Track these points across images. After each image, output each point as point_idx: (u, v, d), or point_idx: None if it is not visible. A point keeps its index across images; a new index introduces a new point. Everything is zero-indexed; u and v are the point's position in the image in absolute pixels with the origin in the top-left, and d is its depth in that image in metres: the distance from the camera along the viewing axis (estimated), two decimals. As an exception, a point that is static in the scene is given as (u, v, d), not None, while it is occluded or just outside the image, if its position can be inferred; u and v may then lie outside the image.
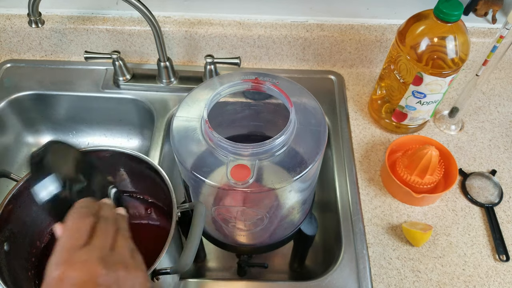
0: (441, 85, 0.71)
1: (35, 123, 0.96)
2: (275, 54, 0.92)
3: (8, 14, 0.90)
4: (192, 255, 0.50)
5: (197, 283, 0.66)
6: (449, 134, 0.84)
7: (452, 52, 0.68)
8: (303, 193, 0.56)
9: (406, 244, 0.70)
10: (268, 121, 0.66)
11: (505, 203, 0.75)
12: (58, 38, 0.91)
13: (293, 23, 0.90)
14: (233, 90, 0.54)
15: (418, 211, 0.74)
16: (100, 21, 0.89)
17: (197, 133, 0.51)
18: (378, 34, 0.89)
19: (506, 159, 0.81)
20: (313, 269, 0.84)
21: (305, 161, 0.50)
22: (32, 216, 0.61)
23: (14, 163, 0.94)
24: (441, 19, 0.66)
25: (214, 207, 0.55)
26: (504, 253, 0.69)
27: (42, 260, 0.62)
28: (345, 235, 0.70)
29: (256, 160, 0.48)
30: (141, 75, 0.89)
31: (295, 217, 0.62)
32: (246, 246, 0.65)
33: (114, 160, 0.63)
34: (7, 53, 0.95)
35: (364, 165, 0.79)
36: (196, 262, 0.84)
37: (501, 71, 0.96)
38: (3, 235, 0.55)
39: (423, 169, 0.71)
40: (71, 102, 0.91)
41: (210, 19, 0.89)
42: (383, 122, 0.83)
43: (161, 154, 0.80)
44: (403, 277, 0.67)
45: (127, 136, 0.99)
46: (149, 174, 0.61)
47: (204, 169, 0.49)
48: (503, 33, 0.67)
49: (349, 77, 0.94)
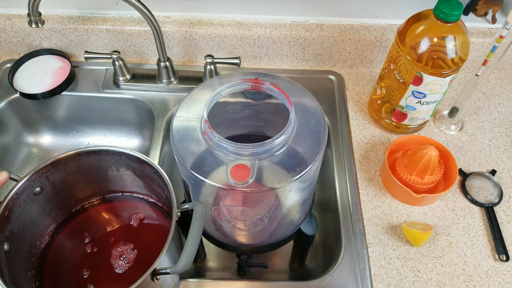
0: (441, 85, 0.71)
1: (35, 123, 0.96)
2: (275, 54, 0.92)
3: (8, 14, 0.90)
4: (192, 256, 0.50)
5: (197, 283, 0.66)
6: (449, 134, 0.84)
7: (452, 52, 0.68)
8: (303, 193, 0.56)
9: (406, 244, 0.70)
10: (268, 121, 0.66)
11: (505, 203, 0.75)
12: (58, 38, 0.91)
13: (293, 23, 0.90)
14: (233, 90, 0.54)
15: (418, 211, 0.74)
16: (100, 21, 0.89)
17: (197, 133, 0.51)
18: (378, 34, 0.89)
19: (506, 159, 0.81)
20: (313, 269, 0.84)
21: (305, 161, 0.50)
22: (32, 216, 0.61)
23: (14, 163, 0.94)
24: (441, 19, 0.66)
25: (214, 207, 0.55)
26: (504, 253, 0.69)
27: (42, 260, 0.62)
28: (345, 235, 0.70)
29: (256, 160, 0.48)
30: (141, 75, 0.89)
31: (295, 217, 0.62)
32: (246, 246, 0.65)
33: (114, 160, 0.63)
34: (7, 53, 0.95)
35: (364, 165, 0.79)
36: (196, 261, 0.84)
37: (501, 71, 0.96)
38: (3, 235, 0.55)
39: (423, 169, 0.71)
40: (71, 102, 0.91)
41: (210, 19, 0.89)
42: (383, 122, 0.84)
43: (161, 154, 0.80)
44: (403, 277, 0.67)
45: (127, 136, 0.99)
46: (150, 174, 0.62)
47: (204, 169, 0.49)
48: (503, 33, 0.67)
49: (349, 77, 0.94)
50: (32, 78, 0.89)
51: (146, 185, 0.67)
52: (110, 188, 0.69)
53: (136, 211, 0.68)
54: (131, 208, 0.69)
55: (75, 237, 0.66)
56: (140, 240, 0.66)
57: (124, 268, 0.62)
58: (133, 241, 0.65)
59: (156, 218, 0.68)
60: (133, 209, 0.69)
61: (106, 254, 0.64)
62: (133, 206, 0.69)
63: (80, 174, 0.64)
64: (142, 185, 0.67)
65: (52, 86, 0.87)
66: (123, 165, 0.64)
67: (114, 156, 0.62)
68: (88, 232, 0.66)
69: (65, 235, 0.66)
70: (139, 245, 0.65)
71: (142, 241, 0.66)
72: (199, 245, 0.77)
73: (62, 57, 0.92)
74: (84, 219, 0.68)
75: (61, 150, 0.98)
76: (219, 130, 0.49)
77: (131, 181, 0.67)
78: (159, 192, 0.65)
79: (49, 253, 0.63)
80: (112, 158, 0.63)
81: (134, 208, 0.69)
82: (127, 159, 0.62)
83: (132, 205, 0.69)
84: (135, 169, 0.64)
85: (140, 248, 0.65)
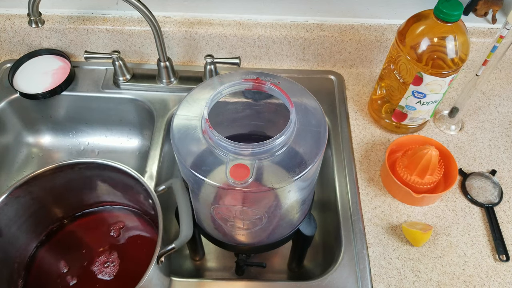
0: (441, 85, 0.71)
1: (35, 123, 0.96)
2: (275, 54, 0.92)
3: (8, 14, 0.90)
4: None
5: (197, 283, 0.66)
6: (449, 134, 0.84)
7: (452, 52, 0.68)
8: (302, 193, 0.56)
9: (406, 244, 0.70)
10: (268, 120, 0.66)
11: (505, 203, 0.75)
12: (58, 38, 0.91)
13: (293, 23, 0.90)
14: (234, 90, 0.54)
15: (418, 211, 0.74)
16: (100, 21, 0.89)
17: (198, 131, 0.51)
18: (378, 34, 0.89)
19: (506, 159, 0.81)
20: (313, 269, 0.84)
21: (305, 162, 0.50)
22: (16, 227, 0.61)
23: (14, 163, 0.94)
24: (441, 19, 0.66)
25: (213, 206, 0.55)
26: (504, 253, 0.69)
27: (29, 271, 0.63)
28: (345, 235, 0.70)
29: (256, 160, 0.48)
30: (141, 75, 0.89)
31: (294, 217, 0.62)
32: (244, 245, 0.65)
33: (95, 173, 0.64)
34: (7, 53, 0.95)
35: (364, 165, 0.79)
36: (195, 260, 0.84)
37: (501, 71, 0.96)
38: None
39: (423, 169, 0.71)
40: (71, 102, 0.91)
41: (210, 19, 0.89)
42: (383, 122, 0.83)
43: (161, 154, 0.80)
44: (403, 277, 0.67)
45: (127, 136, 0.99)
46: (128, 182, 0.63)
47: (204, 168, 0.49)
48: (503, 33, 0.67)
49: (349, 77, 0.94)
50: (32, 78, 0.89)
51: (125, 195, 0.68)
52: (89, 201, 0.70)
53: (116, 220, 0.70)
54: (112, 218, 0.70)
55: (55, 260, 0.66)
56: (123, 250, 0.67)
57: (110, 275, 0.64)
58: (117, 251, 0.66)
59: (138, 226, 0.69)
60: (114, 218, 0.70)
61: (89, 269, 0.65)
62: (114, 216, 0.70)
63: (57, 190, 0.64)
64: (121, 196, 0.69)
65: (52, 86, 0.87)
66: (104, 178, 0.65)
67: (94, 169, 0.63)
68: (68, 254, 0.66)
69: (47, 255, 0.66)
70: (122, 255, 0.66)
71: (126, 251, 0.67)
72: (198, 243, 0.77)
73: (62, 57, 0.92)
74: (66, 237, 0.68)
75: (61, 150, 0.98)
76: (220, 129, 0.49)
77: (109, 192, 0.68)
78: (141, 201, 0.65)
79: (35, 265, 0.64)
80: (92, 171, 0.63)
81: (115, 218, 0.70)
82: (109, 171, 0.63)
83: (113, 216, 0.70)
84: (114, 180, 0.65)
85: (124, 257, 0.66)
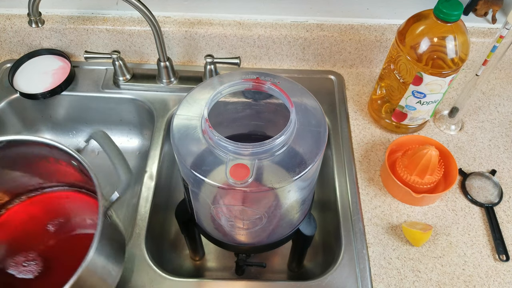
0: (441, 85, 0.71)
1: (35, 123, 0.96)
2: (275, 54, 0.92)
3: (8, 14, 0.90)
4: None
5: (196, 283, 0.66)
6: (449, 134, 0.84)
7: (452, 52, 0.68)
8: (302, 193, 0.56)
9: (406, 244, 0.70)
10: (269, 120, 0.65)
11: (505, 203, 0.75)
12: (58, 38, 0.91)
13: (293, 23, 0.90)
14: (234, 89, 0.54)
15: (418, 211, 0.74)
16: (100, 21, 0.89)
17: (198, 131, 0.51)
18: (378, 34, 0.89)
19: (506, 159, 0.81)
20: (313, 269, 0.84)
21: (304, 161, 0.50)
22: None
23: (14, 163, 0.94)
24: (441, 19, 0.66)
25: (213, 206, 0.55)
26: (504, 253, 0.69)
27: None
28: (345, 235, 0.70)
29: (256, 160, 0.48)
30: (141, 75, 0.89)
31: (294, 217, 0.62)
32: (244, 245, 0.65)
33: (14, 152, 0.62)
34: (7, 53, 0.95)
35: (364, 165, 0.79)
36: (195, 259, 0.84)
37: (501, 71, 0.96)
38: None
39: (423, 169, 0.71)
40: (71, 102, 0.91)
41: (210, 19, 0.89)
42: (383, 122, 0.83)
43: (161, 154, 0.80)
44: (403, 277, 0.67)
45: (127, 136, 0.99)
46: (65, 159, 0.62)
47: (204, 168, 0.49)
48: (503, 33, 0.67)
49: (349, 77, 0.94)
50: (32, 78, 0.89)
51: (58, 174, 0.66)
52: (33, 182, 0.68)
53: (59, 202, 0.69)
54: (54, 199, 0.69)
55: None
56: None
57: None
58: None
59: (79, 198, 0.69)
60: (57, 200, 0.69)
61: None
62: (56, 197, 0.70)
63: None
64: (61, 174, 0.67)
65: (52, 86, 0.87)
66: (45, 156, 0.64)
67: (34, 147, 0.61)
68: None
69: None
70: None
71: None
72: (198, 242, 0.77)
73: (62, 57, 0.92)
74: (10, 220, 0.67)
75: (61, 150, 0.98)
76: (220, 129, 0.49)
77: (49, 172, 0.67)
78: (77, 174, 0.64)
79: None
80: (33, 149, 0.62)
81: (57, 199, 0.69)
82: (48, 148, 0.61)
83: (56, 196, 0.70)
84: (55, 159, 0.64)
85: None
